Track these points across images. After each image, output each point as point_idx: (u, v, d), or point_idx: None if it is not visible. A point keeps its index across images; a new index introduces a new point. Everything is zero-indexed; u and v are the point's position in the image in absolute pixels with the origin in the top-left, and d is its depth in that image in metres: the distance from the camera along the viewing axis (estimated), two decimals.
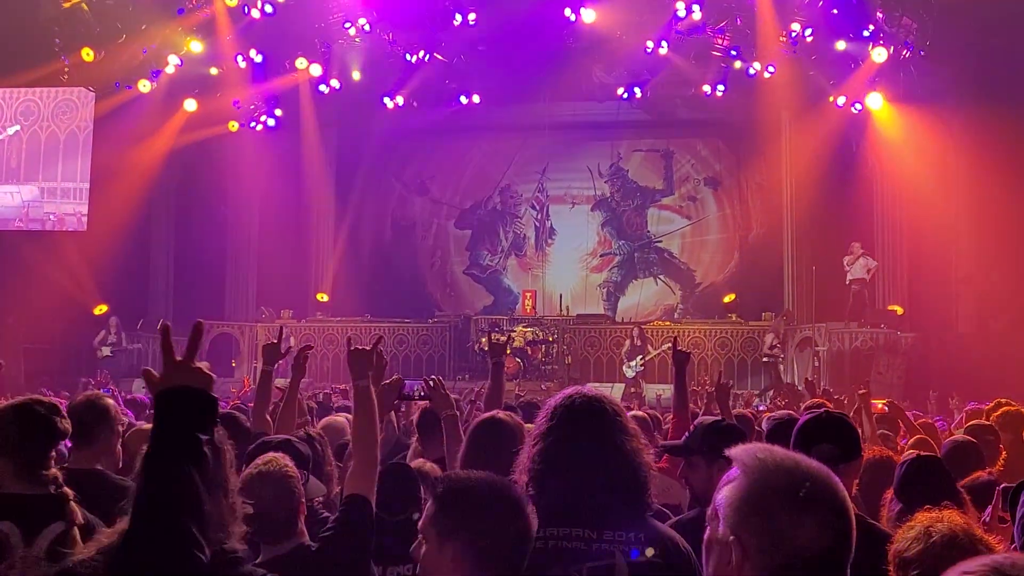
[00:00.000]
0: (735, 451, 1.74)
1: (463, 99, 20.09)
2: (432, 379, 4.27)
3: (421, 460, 4.31)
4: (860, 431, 4.90)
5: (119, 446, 4.33)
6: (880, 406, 7.33)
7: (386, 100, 19.85)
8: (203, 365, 2.09)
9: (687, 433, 4.01)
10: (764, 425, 4.83)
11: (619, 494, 2.65)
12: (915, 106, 17.09)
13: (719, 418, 4.23)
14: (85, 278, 17.98)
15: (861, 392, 6.57)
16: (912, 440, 5.62)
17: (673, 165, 22.12)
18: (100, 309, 18.42)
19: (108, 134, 18.45)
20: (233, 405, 8.79)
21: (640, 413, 6.66)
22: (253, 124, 19.85)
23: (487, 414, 3.80)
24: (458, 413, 4.20)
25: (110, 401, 4.38)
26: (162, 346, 2.12)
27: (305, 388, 16.77)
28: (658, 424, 6.98)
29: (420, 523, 2.36)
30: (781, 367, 17.85)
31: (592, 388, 2.99)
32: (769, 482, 1.66)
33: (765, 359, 18.06)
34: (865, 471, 3.73)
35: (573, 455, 2.66)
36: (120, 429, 4.43)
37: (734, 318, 19.58)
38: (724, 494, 1.70)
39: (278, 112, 20.09)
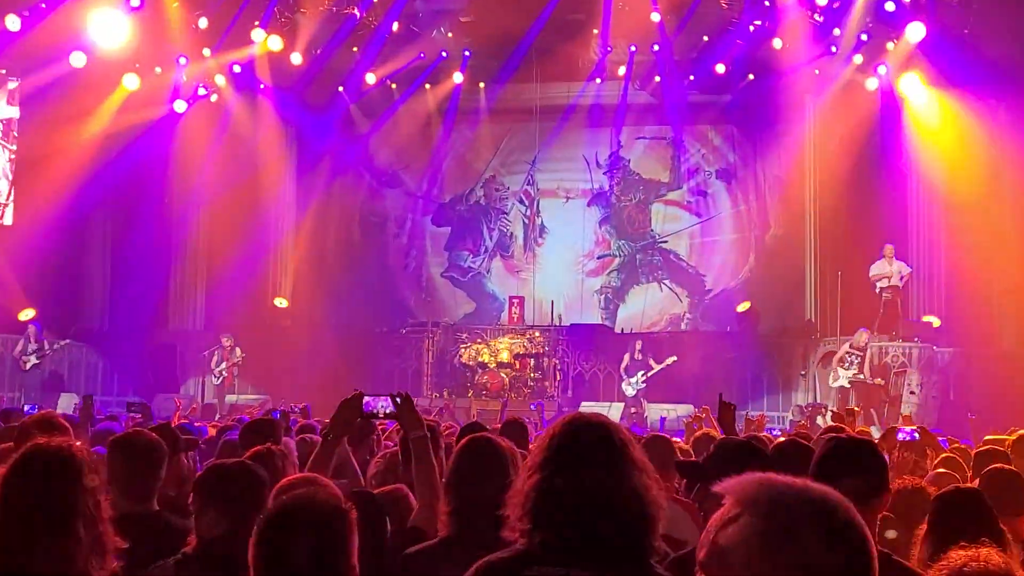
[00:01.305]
0: (727, 486, 1.73)
1: (442, 77, 20.06)
2: (400, 395, 4.22)
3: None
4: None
5: None
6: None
7: (355, 78, 19.82)
8: None
9: (706, 454, 3.97)
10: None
11: (623, 532, 2.64)
12: (957, 90, 17.16)
13: (744, 439, 4.22)
14: (9, 279, 17.86)
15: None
16: (938, 459, 5.62)
17: (681, 155, 22.15)
18: (26, 314, 18.29)
19: (35, 115, 18.35)
20: (180, 422, 8.76)
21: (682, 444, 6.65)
22: (202, 104, 19.79)
23: (475, 434, 3.78)
24: (429, 435, 4.16)
25: (64, 422, 4.47)
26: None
27: (263, 405, 16.80)
28: None
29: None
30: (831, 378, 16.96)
31: (593, 412, 2.97)
32: (776, 516, 1.65)
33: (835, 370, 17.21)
34: (892, 504, 3.71)
35: (573, 488, 2.64)
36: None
37: None
38: (722, 535, 1.69)
39: (232, 91, 20.03)
